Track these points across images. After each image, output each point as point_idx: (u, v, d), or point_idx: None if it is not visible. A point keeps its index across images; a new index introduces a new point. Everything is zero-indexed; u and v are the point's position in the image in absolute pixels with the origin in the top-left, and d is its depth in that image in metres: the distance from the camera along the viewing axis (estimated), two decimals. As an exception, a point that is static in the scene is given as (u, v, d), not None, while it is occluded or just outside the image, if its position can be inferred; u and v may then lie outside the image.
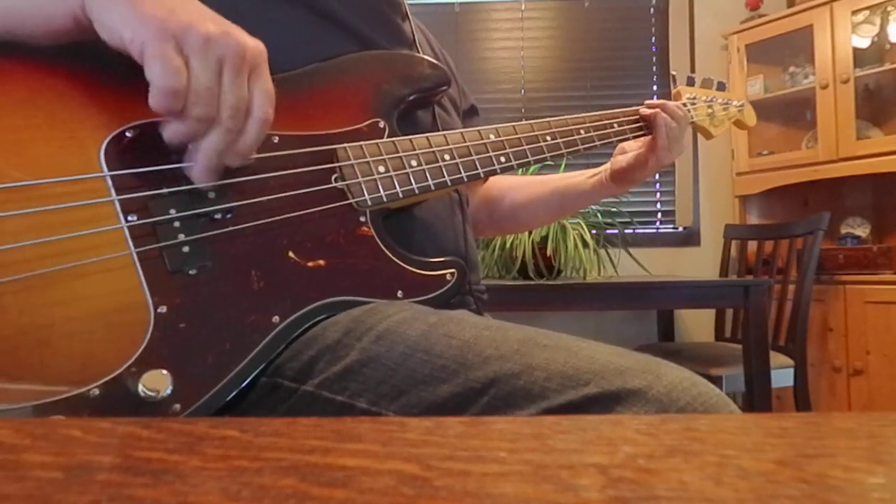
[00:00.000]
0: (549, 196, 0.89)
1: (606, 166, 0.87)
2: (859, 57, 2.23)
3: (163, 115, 0.43)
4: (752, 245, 2.24)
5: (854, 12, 2.19)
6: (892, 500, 0.14)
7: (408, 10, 0.73)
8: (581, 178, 0.89)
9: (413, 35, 0.71)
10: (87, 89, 0.45)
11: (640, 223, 2.56)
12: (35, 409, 0.38)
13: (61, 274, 0.40)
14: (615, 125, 0.77)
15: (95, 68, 0.46)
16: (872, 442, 0.19)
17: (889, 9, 2.20)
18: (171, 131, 0.44)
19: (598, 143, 0.75)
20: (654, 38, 2.63)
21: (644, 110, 0.81)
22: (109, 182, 0.43)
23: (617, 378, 0.38)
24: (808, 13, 2.29)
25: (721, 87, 0.96)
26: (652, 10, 2.64)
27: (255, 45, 0.45)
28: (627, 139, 0.79)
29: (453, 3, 2.61)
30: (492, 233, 1.01)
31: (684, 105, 0.86)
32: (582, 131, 0.73)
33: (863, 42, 2.29)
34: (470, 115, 0.87)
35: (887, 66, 2.19)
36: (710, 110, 0.92)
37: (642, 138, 0.82)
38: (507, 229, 0.98)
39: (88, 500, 0.14)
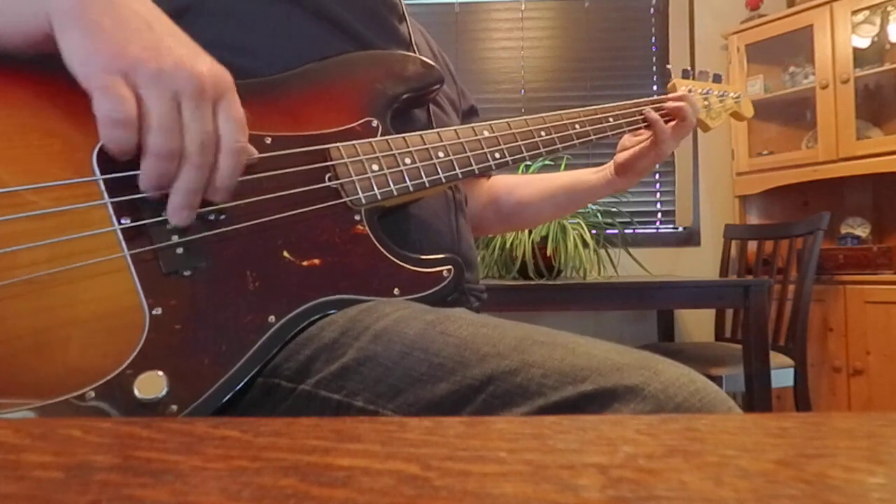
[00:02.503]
0: (556, 191, 0.89)
1: (611, 163, 0.88)
2: (859, 57, 2.23)
3: (117, 155, 0.41)
4: (752, 245, 2.24)
5: (854, 12, 2.19)
6: (892, 500, 0.14)
7: (405, 11, 0.73)
8: (587, 173, 0.89)
9: (410, 36, 0.71)
10: (79, 94, 0.45)
11: (640, 223, 2.56)
12: (32, 413, 0.38)
13: (55, 278, 0.40)
14: (611, 119, 0.77)
15: None
16: (872, 442, 0.19)
17: (889, 9, 2.20)
18: (143, 179, 0.42)
19: (593, 137, 0.75)
20: (654, 38, 2.63)
21: (650, 114, 0.81)
22: (102, 185, 0.43)
23: (614, 375, 0.38)
24: (808, 13, 2.29)
25: (717, 79, 0.95)
26: (652, 10, 2.64)
27: (215, 74, 0.43)
28: (623, 132, 0.79)
29: (453, 3, 2.61)
30: (499, 229, 1.01)
31: None
32: (577, 126, 0.73)
33: (863, 42, 2.29)
34: (469, 115, 0.87)
35: (887, 66, 2.19)
36: (706, 102, 0.92)
37: (643, 131, 0.82)
38: (515, 225, 0.99)
39: (88, 500, 0.14)
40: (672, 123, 0.82)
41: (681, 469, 0.16)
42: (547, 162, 2.03)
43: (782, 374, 1.86)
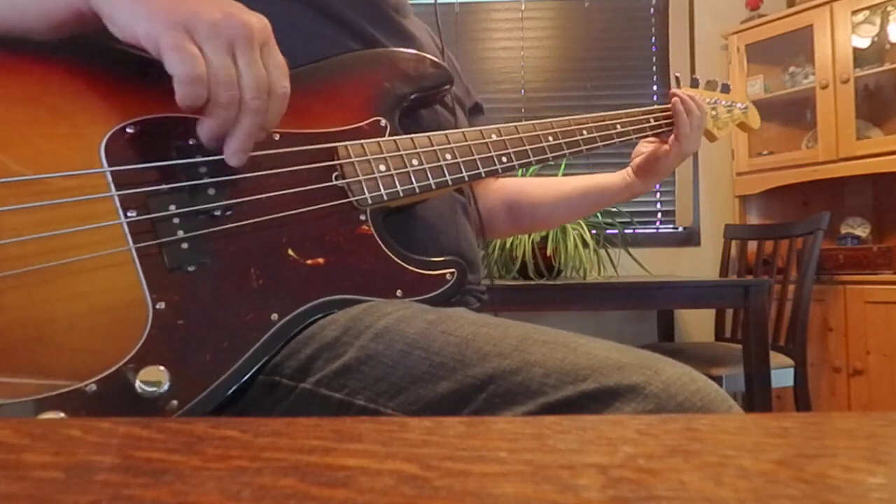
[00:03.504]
0: (570, 194, 0.88)
1: (628, 167, 0.87)
2: (859, 57, 2.23)
3: (189, 109, 0.43)
4: (752, 245, 2.24)
5: (854, 12, 2.19)
6: (892, 500, 0.14)
7: (411, 8, 0.73)
8: (605, 176, 0.88)
9: (416, 33, 0.70)
10: (89, 85, 0.45)
11: (640, 223, 2.56)
12: (33, 404, 0.38)
13: (60, 269, 0.40)
14: (618, 126, 0.77)
15: (97, 64, 0.46)
16: (872, 442, 0.19)
17: (889, 9, 2.20)
18: (206, 129, 0.44)
19: (600, 144, 0.75)
20: (654, 39, 2.63)
21: (677, 105, 0.81)
22: (109, 178, 0.44)
23: (615, 374, 0.38)
24: (808, 13, 2.29)
25: (725, 89, 0.95)
26: (652, 10, 2.64)
27: (259, 22, 0.45)
28: (631, 140, 0.79)
29: (453, 3, 2.61)
30: (511, 232, 1.01)
31: None
32: (584, 132, 0.73)
33: (863, 42, 2.29)
34: (475, 113, 0.86)
35: (887, 66, 2.19)
36: (713, 112, 0.92)
37: (656, 137, 0.83)
38: (525, 228, 0.98)
39: (88, 500, 0.14)
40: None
41: (681, 469, 0.16)
42: (549, 162, 2.03)
43: (782, 374, 1.86)
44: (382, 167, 0.55)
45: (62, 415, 0.38)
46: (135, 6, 0.42)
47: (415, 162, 0.57)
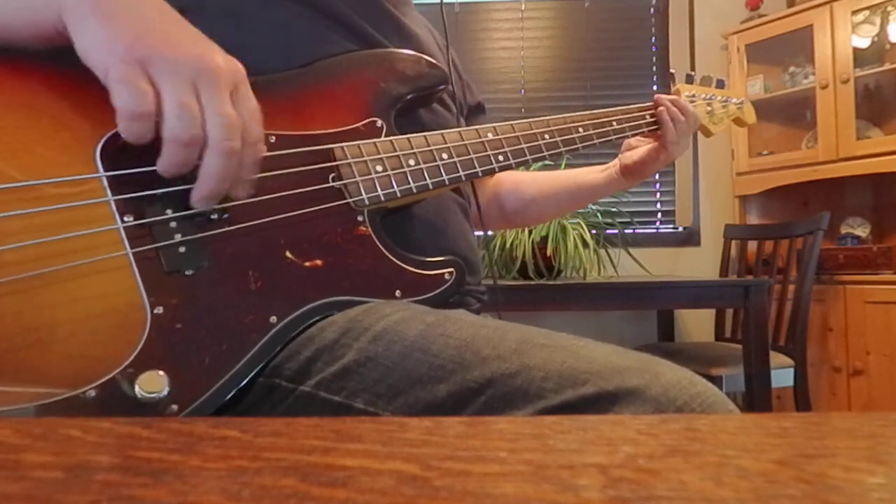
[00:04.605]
0: (559, 191, 0.90)
1: (616, 162, 0.88)
2: (859, 57, 2.23)
3: (133, 143, 0.41)
4: (752, 245, 2.24)
5: (854, 12, 2.19)
6: (892, 500, 0.14)
7: (411, 4, 0.73)
8: (591, 173, 0.90)
9: (416, 30, 0.70)
10: (84, 90, 0.45)
11: (640, 223, 2.56)
12: (33, 411, 0.38)
13: (57, 275, 0.40)
14: (614, 123, 0.77)
15: (90, 70, 0.46)
16: (872, 442, 0.19)
17: (889, 9, 2.20)
18: (164, 167, 0.42)
19: (596, 141, 0.75)
20: (654, 38, 2.63)
21: (662, 114, 0.82)
22: (105, 183, 0.43)
23: (615, 377, 0.38)
24: (808, 13, 2.29)
25: (720, 84, 0.95)
26: (652, 10, 2.64)
27: (230, 65, 0.44)
28: (626, 137, 0.79)
29: (453, 3, 2.61)
30: (501, 226, 1.02)
31: None
32: (581, 129, 0.73)
33: (863, 42, 2.29)
34: (476, 112, 0.86)
35: (887, 66, 2.19)
36: (709, 108, 0.92)
37: (649, 133, 0.83)
38: (517, 223, 1.00)
39: (88, 500, 0.14)
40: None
41: (681, 469, 0.16)
42: (547, 161, 2.03)
43: (782, 374, 1.86)
44: (379, 168, 0.55)
45: None
46: (96, 33, 0.41)
47: (411, 162, 0.57)
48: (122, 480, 0.16)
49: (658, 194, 2.62)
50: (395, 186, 0.55)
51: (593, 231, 1.92)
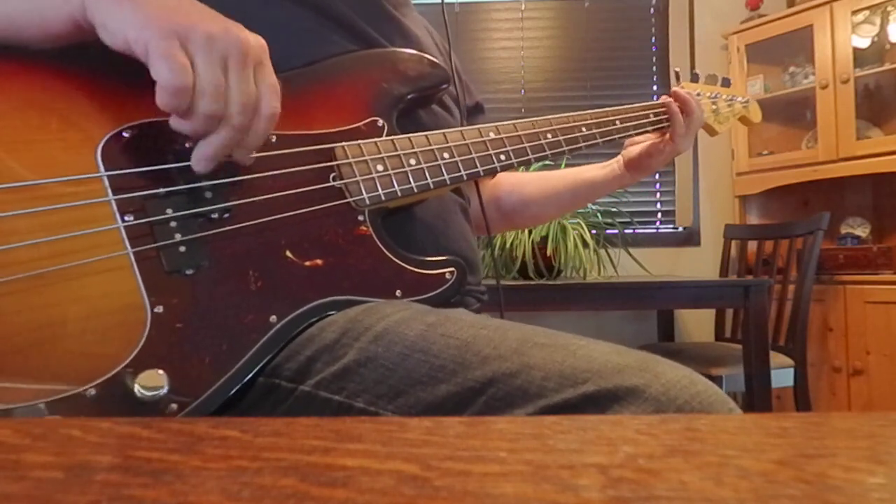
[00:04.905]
0: (560, 191, 0.89)
1: (618, 157, 0.87)
2: (859, 57, 2.23)
3: (170, 114, 0.43)
4: (752, 245, 2.24)
5: (854, 12, 2.19)
6: (892, 500, 0.14)
7: (411, 5, 0.73)
8: (592, 169, 0.89)
9: (416, 31, 0.70)
10: (85, 90, 0.45)
11: (640, 223, 2.56)
12: (32, 409, 0.38)
13: (58, 274, 0.40)
14: (617, 122, 0.77)
15: (93, 69, 0.46)
16: (872, 442, 0.19)
17: (889, 9, 2.20)
18: (179, 127, 0.44)
19: (599, 140, 0.75)
20: (654, 38, 2.63)
21: (672, 107, 0.82)
22: (106, 182, 0.43)
23: (615, 376, 0.38)
24: (808, 13, 2.29)
25: (726, 83, 0.95)
26: (652, 10, 2.64)
27: (256, 41, 0.45)
28: (630, 136, 0.79)
29: (453, 3, 2.61)
30: (501, 228, 1.02)
31: None
32: (584, 128, 0.73)
33: (863, 42, 2.29)
34: (475, 112, 0.86)
35: (887, 66, 2.19)
36: (714, 107, 0.92)
37: (653, 132, 0.83)
38: (517, 224, 0.99)
39: (88, 500, 0.14)
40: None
41: (681, 469, 0.16)
42: (548, 161, 2.03)
43: (782, 374, 1.86)
44: (380, 167, 0.55)
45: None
46: (129, 12, 0.42)
47: (412, 162, 0.57)
48: (122, 480, 0.16)
49: (658, 194, 2.62)
50: (395, 186, 0.55)
51: (593, 231, 1.92)
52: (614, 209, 2.08)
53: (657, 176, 2.61)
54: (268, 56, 0.47)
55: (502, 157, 0.64)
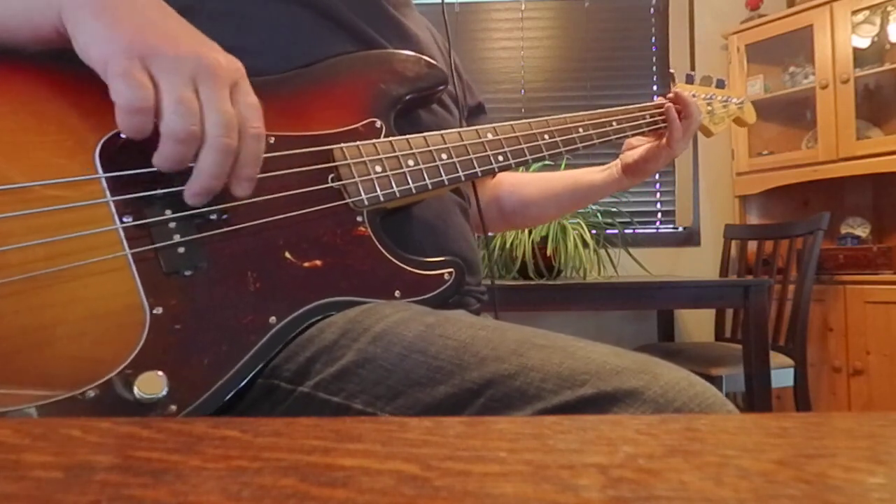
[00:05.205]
0: (559, 192, 0.90)
1: (617, 161, 0.88)
2: (859, 57, 2.23)
3: (132, 137, 0.41)
4: (752, 245, 2.24)
5: (854, 12, 2.19)
6: (892, 500, 0.14)
7: (412, 5, 0.73)
8: (591, 172, 0.90)
9: (416, 31, 0.70)
10: (83, 92, 0.45)
11: (640, 223, 2.56)
12: (33, 412, 0.38)
13: (57, 276, 0.40)
14: (614, 123, 0.77)
15: (89, 71, 0.46)
16: (872, 442, 0.19)
17: (889, 9, 2.20)
18: (160, 162, 0.42)
19: (596, 141, 0.75)
20: (654, 38, 2.63)
21: (670, 111, 0.82)
22: (104, 183, 0.43)
23: (613, 378, 0.38)
24: (808, 13, 2.29)
25: (720, 84, 0.95)
26: (652, 10, 2.64)
27: (229, 62, 0.44)
28: (627, 137, 0.80)
29: (453, 3, 2.61)
30: (501, 228, 1.02)
31: None
32: (581, 129, 0.73)
33: (863, 42, 2.29)
34: (477, 113, 0.86)
35: (887, 66, 2.19)
36: (709, 108, 0.92)
37: (650, 133, 0.83)
38: (516, 224, 1.00)
39: (88, 500, 0.14)
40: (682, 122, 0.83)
41: (681, 469, 0.16)
42: (547, 162, 2.03)
43: (782, 374, 1.86)
44: (378, 168, 0.55)
45: None
46: (98, 29, 0.41)
47: (410, 162, 0.57)
48: (122, 480, 0.16)
49: (658, 194, 2.62)
50: (394, 187, 0.55)
51: (593, 231, 1.92)
52: (614, 209, 2.08)
53: (657, 176, 2.61)
54: (244, 77, 0.45)
55: (500, 157, 0.64)
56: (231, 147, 0.42)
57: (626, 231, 2.26)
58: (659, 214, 2.62)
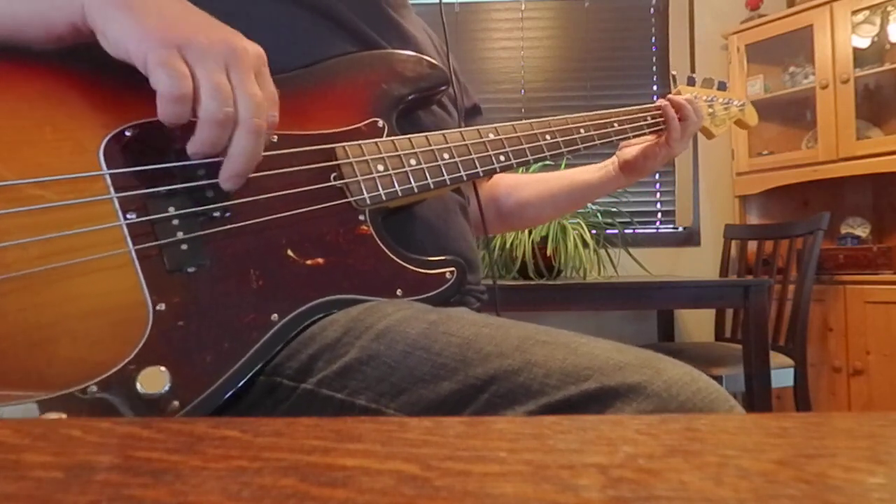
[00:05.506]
0: (556, 193, 0.90)
1: (613, 159, 0.88)
2: (859, 57, 2.23)
3: (171, 124, 0.42)
4: (752, 245, 2.24)
5: (854, 12, 2.19)
6: (892, 500, 0.14)
7: (410, 7, 0.73)
8: (588, 172, 0.90)
9: (414, 32, 0.70)
10: (87, 89, 0.45)
11: (640, 223, 2.56)
12: (35, 406, 0.38)
13: (60, 272, 0.40)
14: (615, 124, 0.77)
15: (95, 69, 0.46)
16: (872, 442, 0.19)
17: (889, 9, 2.20)
18: (197, 147, 0.43)
19: (598, 142, 0.75)
20: (654, 38, 2.63)
21: (668, 111, 0.82)
22: (108, 180, 0.44)
23: (616, 373, 0.38)
24: (808, 13, 2.29)
25: (722, 86, 0.96)
26: (652, 10, 2.64)
27: (255, 49, 0.45)
28: (628, 138, 0.80)
29: (453, 3, 2.61)
30: (500, 229, 1.02)
31: None
32: (582, 130, 0.73)
33: (863, 42, 2.29)
34: (473, 114, 0.87)
35: (887, 66, 2.19)
36: (710, 110, 0.92)
37: (650, 134, 0.83)
38: (514, 226, 1.00)
39: (88, 500, 0.14)
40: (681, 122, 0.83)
41: (681, 469, 0.16)
42: (548, 162, 2.03)
43: (782, 374, 1.86)
44: (380, 167, 0.55)
45: (64, 416, 0.38)
46: (129, 24, 0.42)
47: (412, 162, 0.57)
48: (122, 480, 0.16)
49: (658, 194, 2.62)
50: (396, 186, 0.55)
51: (593, 231, 1.92)
52: (614, 209, 2.08)
53: (657, 176, 2.61)
54: (266, 64, 0.47)
55: (501, 157, 0.64)
56: (262, 129, 0.44)
57: (626, 231, 2.26)
58: (659, 214, 2.62)
